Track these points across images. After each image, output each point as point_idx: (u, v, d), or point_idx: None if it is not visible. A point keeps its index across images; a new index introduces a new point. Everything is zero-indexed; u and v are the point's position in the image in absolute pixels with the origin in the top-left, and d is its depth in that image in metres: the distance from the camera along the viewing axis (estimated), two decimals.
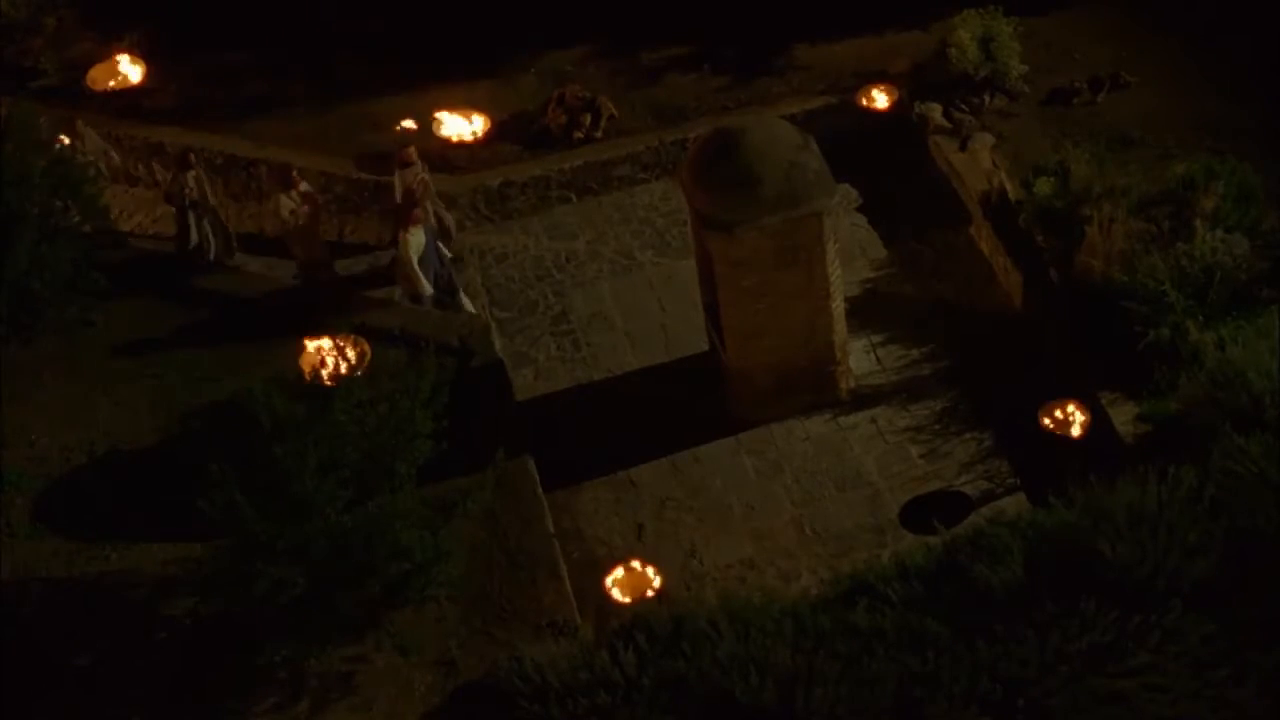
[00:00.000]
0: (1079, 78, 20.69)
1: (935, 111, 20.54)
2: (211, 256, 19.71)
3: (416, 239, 18.36)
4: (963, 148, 20.16)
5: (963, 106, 20.52)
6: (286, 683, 14.97)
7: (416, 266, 18.37)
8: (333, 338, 16.35)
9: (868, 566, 15.43)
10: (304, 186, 19.44)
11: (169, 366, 16.53)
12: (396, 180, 19.36)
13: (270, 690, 14.94)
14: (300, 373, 16.00)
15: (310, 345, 16.38)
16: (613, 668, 14.15)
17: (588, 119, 20.91)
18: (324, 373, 15.87)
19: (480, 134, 20.06)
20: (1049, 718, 13.44)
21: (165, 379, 15.33)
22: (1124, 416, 16.59)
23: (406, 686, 15.00)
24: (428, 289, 18.53)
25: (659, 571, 15.63)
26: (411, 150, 19.32)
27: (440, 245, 18.83)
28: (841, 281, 17.54)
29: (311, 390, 15.42)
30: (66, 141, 19.54)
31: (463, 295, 19.02)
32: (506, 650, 14.98)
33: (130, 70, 20.64)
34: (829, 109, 20.75)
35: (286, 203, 19.12)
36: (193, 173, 19.51)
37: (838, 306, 17.48)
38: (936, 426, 17.70)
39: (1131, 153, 19.17)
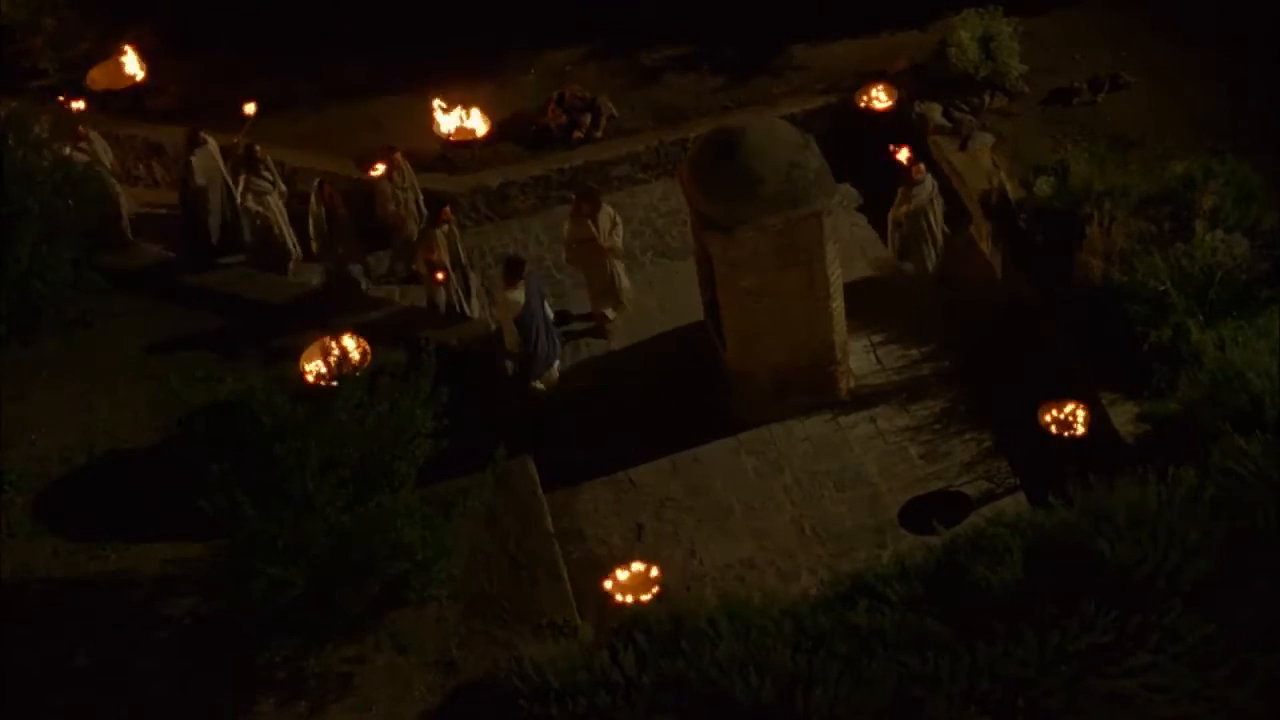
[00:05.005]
0: (1079, 78, 20.68)
1: (935, 111, 20.54)
2: (459, 309, 18.93)
3: (515, 298, 17.77)
4: (963, 148, 20.15)
5: (963, 106, 20.51)
6: (286, 683, 14.98)
7: (513, 324, 17.84)
8: (333, 338, 16.36)
9: (868, 566, 15.40)
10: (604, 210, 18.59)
11: (169, 366, 16.51)
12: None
13: (270, 690, 14.94)
14: (300, 373, 16.02)
15: (311, 345, 16.40)
16: (612, 668, 14.13)
17: (588, 119, 20.90)
18: (324, 373, 15.87)
19: (481, 133, 20.10)
20: (1049, 718, 13.43)
21: (165, 379, 15.32)
22: (1124, 416, 16.57)
23: (406, 686, 14.99)
24: (515, 346, 18.04)
25: (659, 572, 15.65)
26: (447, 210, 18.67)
27: (546, 308, 18.29)
28: (841, 281, 17.53)
29: (311, 390, 15.43)
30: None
31: (557, 366, 18.48)
32: (506, 650, 14.99)
33: (131, 70, 20.70)
34: (829, 109, 20.77)
35: (605, 221, 18.51)
36: (445, 228, 18.58)
37: (838, 306, 17.47)
38: (936, 426, 17.69)
39: (1131, 153, 19.14)
